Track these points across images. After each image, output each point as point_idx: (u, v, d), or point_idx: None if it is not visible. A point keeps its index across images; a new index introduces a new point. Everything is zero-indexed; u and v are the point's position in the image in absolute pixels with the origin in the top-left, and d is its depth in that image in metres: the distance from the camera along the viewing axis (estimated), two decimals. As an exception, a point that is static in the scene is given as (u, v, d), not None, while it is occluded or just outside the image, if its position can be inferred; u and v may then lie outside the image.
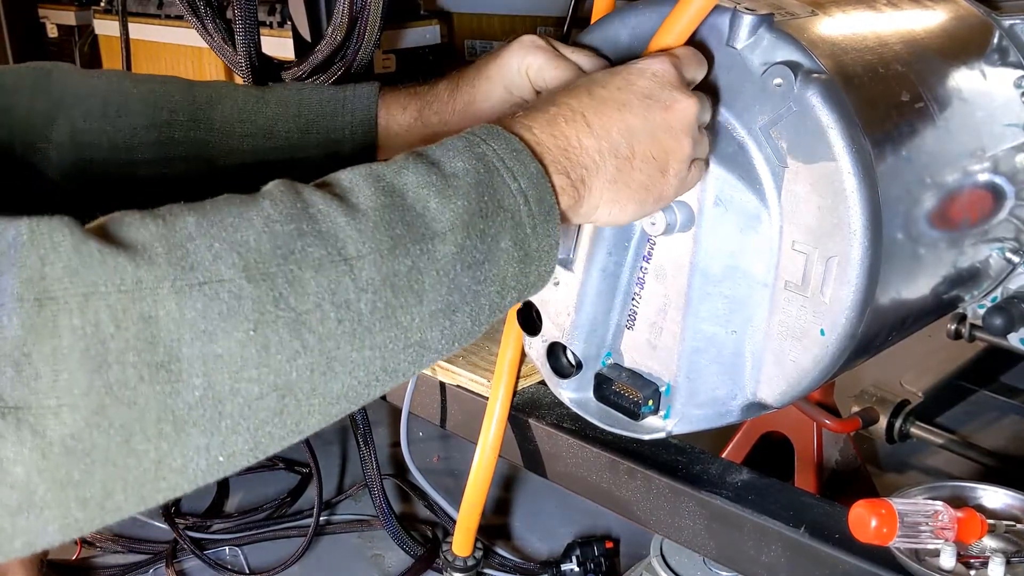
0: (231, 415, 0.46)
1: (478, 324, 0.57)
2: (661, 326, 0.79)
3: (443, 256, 0.53)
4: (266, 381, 0.46)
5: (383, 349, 0.51)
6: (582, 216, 0.64)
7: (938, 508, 0.72)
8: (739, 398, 0.78)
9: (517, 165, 0.57)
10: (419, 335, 0.53)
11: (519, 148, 0.58)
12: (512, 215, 0.56)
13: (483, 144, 0.58)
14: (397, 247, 0.51)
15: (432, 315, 0.53)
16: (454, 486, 1.42)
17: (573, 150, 0.61)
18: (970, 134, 0.80)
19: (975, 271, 0.87)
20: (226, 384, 0.45)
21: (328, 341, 0.48)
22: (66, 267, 0.42)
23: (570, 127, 0.61)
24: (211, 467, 0.47)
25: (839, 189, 0.67)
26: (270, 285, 0.47)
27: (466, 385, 1.07)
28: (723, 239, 0.73)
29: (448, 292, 0.54)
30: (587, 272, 0.80)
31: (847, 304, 0.70)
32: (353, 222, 0.51)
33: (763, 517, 0.81)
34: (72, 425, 0.42)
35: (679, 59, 0.68)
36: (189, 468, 0.46)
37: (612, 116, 0.63)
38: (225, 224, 0.48)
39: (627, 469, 0.90)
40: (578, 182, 0.61)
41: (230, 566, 1.42)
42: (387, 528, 1.24)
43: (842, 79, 0.69)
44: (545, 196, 0.58)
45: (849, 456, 1.36)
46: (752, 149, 0.71)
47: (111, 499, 0.44)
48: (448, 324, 0.55)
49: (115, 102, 0.84)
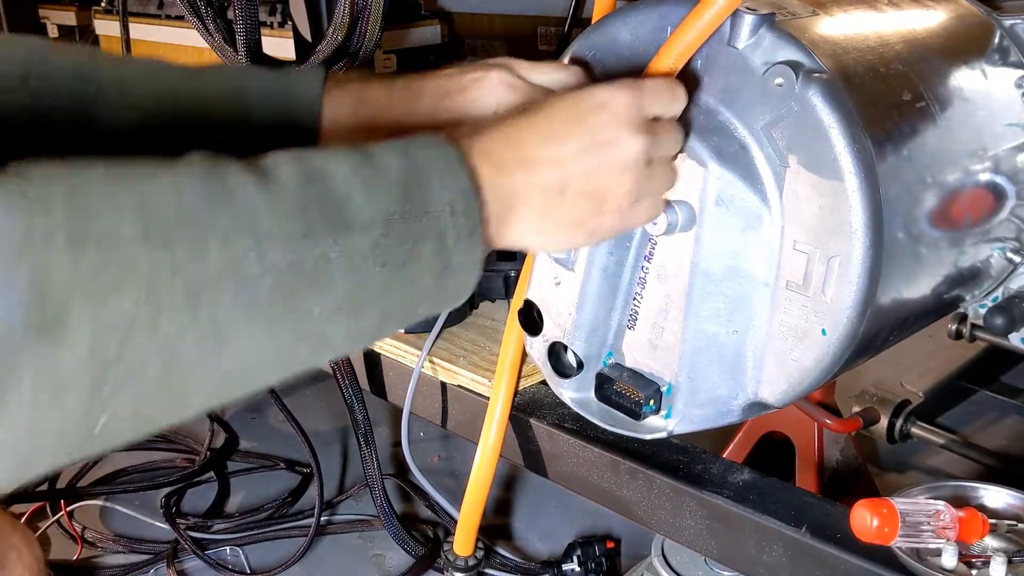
0: (113, 381, 0.44)
1: (386, 327, 0.56)
2: (662, 326, 0.79)
3: (357, 250, 0.52)
4: (153, 350, 0.45)
5: (279, 336, 0.50)
6: (507, 242, 0.63)
7: (940, 508, 0.72)
8: (740, 398, 0.78)
9: (450, 176, 0.57)
10: (319, 328, 0.52)
11: (455, 161, 0.57)
12: (437, 222, 0.55)
13: (422, 149, 0.57)
14: (310, 233, 0.50)
15: (337, 309, 0.52)
16: (455, 486, 1.42)
17: (505, 178, 0.60)
18: (971, 134, 0.80)
19: (976, 271, 0.87)
20: (112, 349, 0.44)
21: (222, 317, 0.47)
22: None
23: (506, 155, 0.61)
24: (88, 436, 0.45)
25: (840, 189, 0.67)
26: (170, 251, 0.45)
27: (467, 385, 1.07)
28: (724, 239, 0.73)
29: (356, 288, 0.52)
30: (588, 272, 0.80)
31: (849, 304, 0.70)
32: (269, 200, 0.49)
33: (764, 517, 0.81)
34: None
35: (643, 93, 0.65)
36: (65, 437, 0.45)
37: (547, 151, 0.62)
38: (134, 184, 0.46)
39: (628, 469, 0.90)
40: (505, 210, 0.60)
41: (231, 566, 1.42)
42: (388, 528, 1.25)
43: (843, 79, 0.69)
44: (472, 211, 0.57)
45: (850, 456, 1.36)
46: (754, 149, 0.71)
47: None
48: (353, 322, 0.53)
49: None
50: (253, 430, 1.79)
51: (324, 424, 1.75)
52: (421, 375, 1.10)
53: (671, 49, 0.70)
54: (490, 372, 1.04)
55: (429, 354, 1.10)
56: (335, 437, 1.71)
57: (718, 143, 0.72)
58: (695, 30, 0.69)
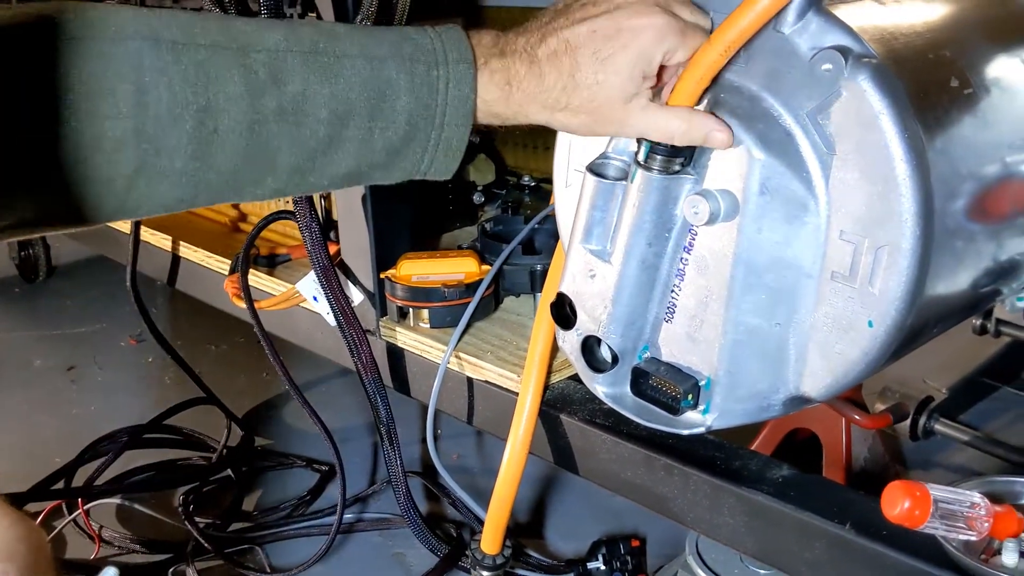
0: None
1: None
2: (702, 319, 0.77)
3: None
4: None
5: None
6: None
7: (976, 500, 0.70)
8: (781, 392, 0.77)
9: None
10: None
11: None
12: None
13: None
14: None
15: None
16: (473, 484, 1.40)
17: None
18: (1013, 123, 0.78)
19: (1016, 263, 0.85)
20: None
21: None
22: None
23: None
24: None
25: (890, 176, 0.66)
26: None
27: (494, 380, 1.06)
28: (768, 229, 0.72)
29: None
30: (625, 263, 0.78)
31: (897, 295, 0.68)
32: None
33: (806, 513, 0.79)
34: None
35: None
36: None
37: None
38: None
39: (664, 465, 0.88)
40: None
41: (251, 565, 1.40)
42: (412, 527, 1.23)
43: (893, 64, 0.67)
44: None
45: (878, 454, 1.34)
46: (799, 136, 0.69)
47: None
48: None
49: None
50: (270, 428, 1.77)
51: (345, 420, 1.73)
52: (446, 371, 1.08)
53: (722, 39, 0.68)
54: (518, 367, 1.03)
55: (455, 349, 1.08)
56: (355, 434, 1.70)
57: (763, 130, 0.70)
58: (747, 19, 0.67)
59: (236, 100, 0.63)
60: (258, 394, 1.88)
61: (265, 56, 0.64)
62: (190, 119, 0.62)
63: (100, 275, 2.34)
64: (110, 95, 0.60)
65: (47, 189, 0.61)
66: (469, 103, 0.69)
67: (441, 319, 1.13)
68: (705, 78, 0.71)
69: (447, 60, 0.69)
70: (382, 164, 0.70)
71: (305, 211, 1.10)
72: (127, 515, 1.54)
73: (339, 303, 1.12)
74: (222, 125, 0.63)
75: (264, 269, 1.35)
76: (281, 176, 0.68)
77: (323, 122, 0.66)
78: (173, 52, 0.61)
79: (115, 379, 2.00)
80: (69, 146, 0.59)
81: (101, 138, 0.60)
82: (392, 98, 0.67)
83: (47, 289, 2.45)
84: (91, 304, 2.33)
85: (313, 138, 0.66)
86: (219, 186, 0.66)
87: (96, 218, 0.64)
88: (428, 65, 0.68)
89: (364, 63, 0.67)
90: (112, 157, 0.61)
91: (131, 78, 0.60)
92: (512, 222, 1.25)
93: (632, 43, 0.67)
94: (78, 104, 0.59)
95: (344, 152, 0.68)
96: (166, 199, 0.65)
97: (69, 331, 2.24)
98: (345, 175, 0.70)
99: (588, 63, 0.68)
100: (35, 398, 1.93)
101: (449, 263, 1.16)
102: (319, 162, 0.68)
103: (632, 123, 0.70)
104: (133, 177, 0.62)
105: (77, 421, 1.82)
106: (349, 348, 1.13)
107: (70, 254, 2.51)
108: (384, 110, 0.68)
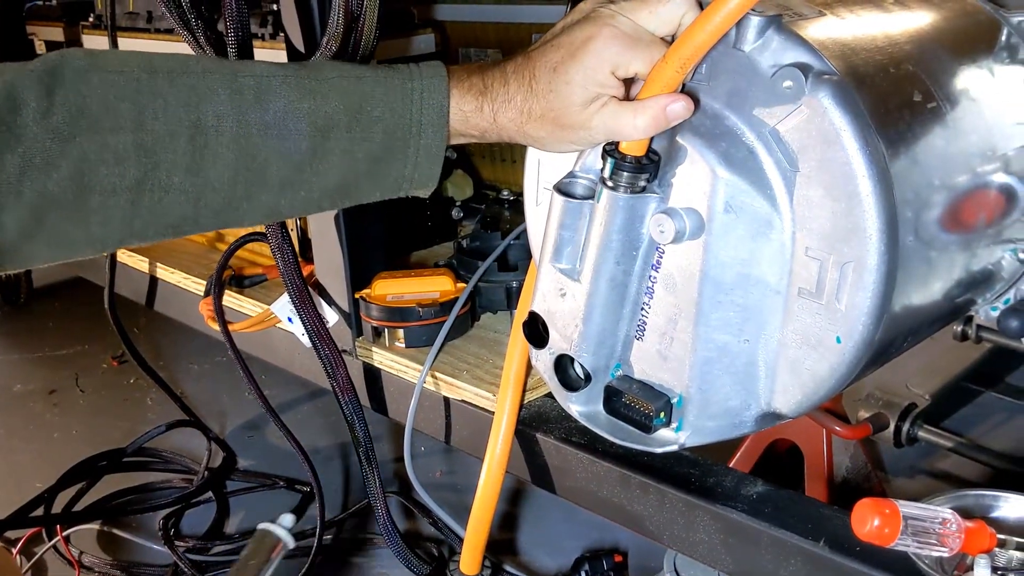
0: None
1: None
2: (672, 336, 0.77)
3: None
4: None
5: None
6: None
7: (947, 516, 0.70)
8: (753, 408, 0.76)
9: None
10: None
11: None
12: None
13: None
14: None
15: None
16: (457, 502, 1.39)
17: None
18: (981, 134, 0.78)
19: (988, 273, 0.85)
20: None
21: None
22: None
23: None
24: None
25: (853, 193, 0.66)
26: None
27: (470, 399, 1.05)
28: (734, 246, 0.71)
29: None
30: (594, 282, 0.78)
31: (864, 310, 0.68)
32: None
33: (781, 531, 0.79)
34: None
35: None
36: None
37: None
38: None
39: (639, 483, 0.88)
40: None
41: (232, 588, 1.39)
42: (391, 547, 1.22)
43: (854, 80, 0.67)
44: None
45: (859, 463, 1.34)
46: (762, 154, 0.69)
47: None
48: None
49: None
50: (251, 449, 1.76)
51: (323, 440, 1.72)
52: (423, 390, 1.08)
53: (677, 55, 0.68)
54: (494, 386, 1.02)
55: (431, 368, 1.08)
56: (335, 453, 1.69)
57: (726, 148, 0.70)
58: (700, 36, 0.67)
59: (224, 117, 0.69)
60: (240, 413, 1.87)
61: (252, 80, 0.71)
62: (183, 134, 0.68)
63: (82, 296, 2.33)
64: (112, 112, 0.67)
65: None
66: (443, 110, 0.74)
67: (416, 339, 1.12)
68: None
69: (421, 75, 0.74)
70: (367, 173, 0.74)
71: (276, 233, 1.09)
72: (108, 540, 1.53)
73: (313, 324, 1.11)
74: (212, 140, 0.69)
75: (239, 290, 1.34)
76: (273, 189, 0.72)
77: (305, 135, 0.72)
78: (169, 78, 0.69)
79: (97, 402, 1.98)
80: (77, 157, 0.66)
81: (104, 149, 0.66)
82: (369, 109, 0.73)
83: (28, 311, 2.44)
84: (73, 325, 2.32)
85: (297, 151, 0.72)
86: (217, 204, 0.71)
87: (106, 242, 0.71)
88: (403, 79, 0.74)
89: (343, 81, 0.73)
90: (115, 169, 0.67)
91: (131, 98, 0.68)
92: (489, 238, 1.24)
93: (579, 53, 0.71)
94: (82, 122, 0.66)
95: (328, 163, 0.73)
96: (170, 216, 0.71)
97: (50, 353, 2.22)
98: (336, 188, 0.75)
99: (542, 74, 0.72)
100: (15, 425, 1.91)
101: (424, 282, 1.15)
102: (307, 174, 0.73)
103: (594, 125, 0.72)
104: (136, 189, 0.68)
105: (58, 445, 1.81)
106: (325, 369, 1.13)
107: (51, 275, 2.50)
108: (362, 120, 0.73)
